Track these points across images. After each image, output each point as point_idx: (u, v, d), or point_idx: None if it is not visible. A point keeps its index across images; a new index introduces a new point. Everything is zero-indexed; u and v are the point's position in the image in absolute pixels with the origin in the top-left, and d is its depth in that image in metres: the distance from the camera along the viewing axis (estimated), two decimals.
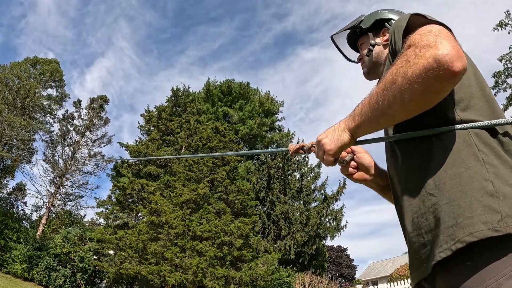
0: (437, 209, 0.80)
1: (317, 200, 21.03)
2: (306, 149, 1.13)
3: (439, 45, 0.74)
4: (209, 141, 15.62)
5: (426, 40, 0.77)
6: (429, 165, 0.85)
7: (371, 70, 1.26)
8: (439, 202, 0.79)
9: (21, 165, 21.95)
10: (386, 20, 1.24)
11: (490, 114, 0.87)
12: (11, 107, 20.42)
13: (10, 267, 15.30)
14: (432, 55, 0.73)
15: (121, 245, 12.53)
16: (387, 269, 32.15)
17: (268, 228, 19.18)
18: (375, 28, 1.26)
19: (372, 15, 1.28)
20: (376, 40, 1.24)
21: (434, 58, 0.72)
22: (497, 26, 12.16)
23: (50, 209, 20.90)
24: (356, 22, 1.31)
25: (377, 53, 1.22)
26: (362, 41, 1.30)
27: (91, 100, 23.30)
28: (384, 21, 1.24)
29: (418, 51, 0.76)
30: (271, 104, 26.09)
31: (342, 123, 0.96)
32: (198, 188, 13.38)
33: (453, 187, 0.78)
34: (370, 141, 1.02)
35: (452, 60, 0.71)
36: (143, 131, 20.90)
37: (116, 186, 15.72)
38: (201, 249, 11.84)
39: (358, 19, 1.33)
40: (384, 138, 1.04)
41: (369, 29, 1.27)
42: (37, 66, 23.69)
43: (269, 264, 13.53)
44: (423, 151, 0.88)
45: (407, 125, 0.90)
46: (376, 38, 1.25)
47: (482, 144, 0.81)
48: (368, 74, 1.29)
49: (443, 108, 0.86)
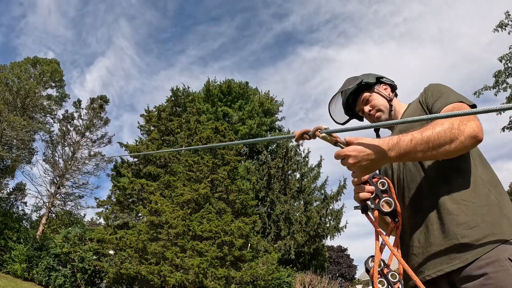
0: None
1: (317, 200, 21.03)
2: (311, 134, 1.13)
3: (477, 123, 1.10)
4: (209, 141, 15.62)
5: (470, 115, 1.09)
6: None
7: (389, 116, 1.49)
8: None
9: (21, 165, 21.95)
10: (381, 77, 1.54)
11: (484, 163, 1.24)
12: (11, 107, 20.41)
13: (10, 267, 15.30)
14: (474, 126, 1.08)
15: (121, 245, 12.53)
16: None
17: (268, 228, 19.18)
18: (376, 84, 1.53)
19: (369, 74, 1.54)
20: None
21: (477, 129, 1.08)
22: (497, 27, 12.14)
23: (50, 209, 20.90)
24: (355, 82, 1.50)
25: (395, 105, 1.50)
26: (367, 95, 1.52)
27: (91, 100, 23.32)
28: (380, 78, 1.53)
29: (468, 120, 1.09)
30: (271, 104, 26.08)
31: (385, 149, 1.10)
32: (200, 188, 13.38)
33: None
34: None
35: (480, 134, 1.09)
36: (143, 131, 20.90)
37: (116, 186, 15.72)
38: (201, 249, 11.84)
39: (351, 81, 1.52)
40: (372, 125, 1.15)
41: (374, 83, 1.52)
42: (37, 66, 23.68)
43: (269, 264, 13.53)
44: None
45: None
46: (379, 90, 1.52)
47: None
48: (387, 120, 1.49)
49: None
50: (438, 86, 1.33)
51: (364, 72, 1.62)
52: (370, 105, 1.50)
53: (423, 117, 0.97)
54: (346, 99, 1.56)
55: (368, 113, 1.51)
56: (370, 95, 1.50)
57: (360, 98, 1.53)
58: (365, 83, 1.50)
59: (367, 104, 1.51)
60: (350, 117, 1.63)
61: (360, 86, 1.51)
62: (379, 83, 1.53)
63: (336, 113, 1.63)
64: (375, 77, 1.52)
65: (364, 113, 1.54)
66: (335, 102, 1.62)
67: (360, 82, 1.49)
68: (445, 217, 1.13)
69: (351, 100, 1.56)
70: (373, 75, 1.53)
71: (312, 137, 1.14)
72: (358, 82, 1.49)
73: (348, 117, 1.63)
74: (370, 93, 1.51)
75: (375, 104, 1.48)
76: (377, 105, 1.48)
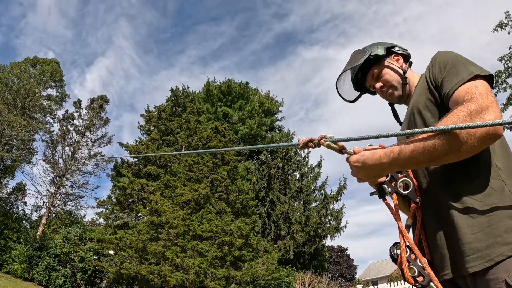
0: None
1: (317, 200, 21.03)
2: (316, 143, 1.12)
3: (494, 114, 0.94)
4: (209, 141, 15.62)
5: (485, 102, 0.96)
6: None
7: (404, 93, 1.34)
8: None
9: (21, 165, 21.95)
10: (392, 47, 1.38)
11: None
12: (11, 107, 20.41)
13: (10, 267, 15.29)
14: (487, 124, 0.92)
15: (121, 245, 12.53)
16: (387, 269, 32.19)
17: (268, 228, 19.18)
18: (387, 55, 1.37)
19: (378, 44, 1.38)
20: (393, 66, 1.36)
21: (490, 130, 0.92)
22: (497, 26, 12.15)
23: (50, 209, 20.89)
24: (363, 56, 1.36)
25: (409, 77, 1.34)
26: (378, 70, 1.37)
27: (91, 100, 23.31)
28: (391, 48, 1.38)
29: (480, 115, 0.94)
30: (271, 104, 26.09)
31: (387, 162, 1.05)
32: (200, 188, 13.38)
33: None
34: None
35: (501, 128, 0.93)
36: (143, 131, 20.91)
37: (116, 186, 15.72)
38: (201, 249, 11.85)
39: (359, 55, 1.39)
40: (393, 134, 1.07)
41: (384, 56, 1.36)
42: (37, 66, 23.68)
43: (269, 264, 13.53)
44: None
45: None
46: (391, 63, 1.36)
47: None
48: (402, 96, 1.35)
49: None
50: (446, 56, 1.16)
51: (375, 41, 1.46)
52: (381, 81, 1.36)
53: (427, 129, 0.94)
54: (355, 75, 1.43)
55: (380, 90, 1.38)
56: (380, 69, 1.36)
57: (369, 73, 1.39)
58: (373, 56, 1.35)
59: (378, 79, 1.37)
60: (361, 93, 1.50)
61: (367, 61, 1.36)
62: (390, 54, 1.37)
63: (345, 91, 1.50)
64: (384, 48, 1.36)
65: (375, 89, 1.40)
66: (343, 79, 1.48)
67: (368, 57, 1.35)
68: (450, 215, 1.04)
69: (360, 75, 1.42)
70: (382, 45, 1.37)
71: (316, 146, 1.13)
72: (365, 56, 1.34)
73: (359, 93, 1.50)
74: (380, 67, 1.36)
75: (387, 79, 1.34)
76: (389, 80, 1.34)
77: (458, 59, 1.12)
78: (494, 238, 0.95)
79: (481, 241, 0.96)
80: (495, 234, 0.95)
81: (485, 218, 0.97)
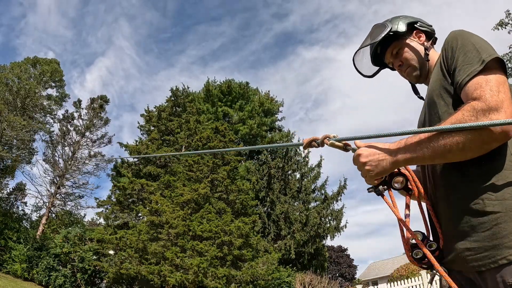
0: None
1: (317, 200, 21.03)
2: (320, 142, 1.13)
3: (505, 114, 0.89)
4: (209, 141, 15.62)
5: (494, 101, 0.90)
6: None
7: (423, 73, 1.28)
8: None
9: (21, 165, 21.95)
10: (415, 22, 1.30)
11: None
12: (11, 107, 20.41)
13: (10, 267, 15.29)
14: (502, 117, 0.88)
15: (121, 245, 12.53)
16: (387, 269, 32.16)
17: (268, 228, 19.18)
18: (408, 32, 1.30)
19: (400, 19, 1.31)
20: (413, 43, 1.29)
21: (501, 128, 0.88)
22: (497, 25, 12.14)
23: (50, 209, 20.89)
24: (383, 31, 1.29)
25: (431, 56, 1.27)
26: (398, 46, 1.31)
27: (91, 100, 23.31)
28: (413, 24, 1.30)
29: (487, 114, 0.89)
30: (271, 104, 26.10)
31: (389, 157, 1.03)
32: (199, 188, 13.38)
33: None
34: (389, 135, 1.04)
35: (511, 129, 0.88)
36: (143, 131, 20.92)
37: (116, 186, 15.72)
38: (201, 249, 11.85)
39: (379, 29, 1.32)
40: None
41: (406, 33, 1.29)
42: (37, 66, 23.68)
43: (269, 264, 13.53)
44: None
45: None
46: (412, 40, 1.30)
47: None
48: (420, 77, 1.29)
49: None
50: (458, 38, 1.09)
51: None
52: (400, 59, 1.30)
53: (427, 129, 0.93)
54: (374, 50, 1.38)
55: (398, 68, 1.33)
56: (400, 46, 1.30)
57: (389, 49, 1.33)
58: (393, 33, 1.29)
59: (397, 57, 1.32)
60: (380, 68, 1.45)
61: (388, 37, 1.30)
62: (412, 30, 1.30)
63: (363, 66, 1.45)
64: (406, 23, 1.29)
65: (394, 67, 1.36)
66: (362, 54, 1.43)
67: (387, 33, 1.28)
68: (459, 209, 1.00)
69: (380, 51, 1.37)
70: (404, 20, 1.30)
71: (320, 145, 1.13)
72: (385, 33, 1.28)
73: (378, 68, 1.45)
74: (400, 44, 1.30)
75: (406, 58, 1.28)
76: (409, 59, 1.28)
77: (470, 43, 1.05)
78: (500, 239, 0.90)
79: (489, 240, 0.92)
80: (502, 235, 0.90)
81: (494, 216, 0.92)
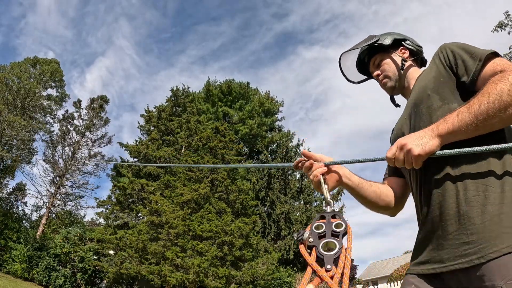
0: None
1: (317, 200, 21.03)
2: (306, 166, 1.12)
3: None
4: (209, 141, 15.62)
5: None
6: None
7: (397, 84, 1.34)
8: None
9: (21, 165, 21.94)
10: (403, 40, 1.37)
11: None
12: (11, 107, 20.40)
13: (10, 267, 15.29)
14: None
15: (121, 245, 12.53)
16: (387, 269, 32.14)
17: (268, 228, 19.17)
18: (393, 46, 1.36)
19: (389, 34, 1.38)
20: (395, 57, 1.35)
21: None
22: (497, 27, 12.12)
23: (50, 209, 20.89)
24: (369, 41, 1.36)
25: (410, 71, 1.32)
26: (380, 58, 1.37)
27: (91, 100, 23.33)
28: (401, 41, 1.37)
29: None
30: (271, 104, 26.10)
31: (429, 131, 0.99)
32: (200, 188, 13.38)
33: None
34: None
35: None
36: (143, 131, 20.90)
37: (116, 186, 15.72)
38: (201, 249, 11.84)
39: (369, 39, 1.39)
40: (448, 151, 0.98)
41: (390, 46, 1.36)
42: (37, 66, 23.69)
43: (269, 264, 13.53)
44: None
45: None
46: (396, 55, 1.36)
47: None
48: (394, 88, 1.35)
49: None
50: (454, 43, 1.14)
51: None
52: (380, 70, 1.37)
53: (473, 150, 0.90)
54: (362, 58, 1.45)
55: (376, 77, 1.40)
56: (382, 58, 1.37)
57: (372, 59, 1.41)
58: (378, 44, 1.36)
59: (378, 68, 1.38)
60: (367, 78, 1.50)
61: (372, 48, 1.38)
62: (398, 46, 1.36)
63: (349, 71, 1.51)
64: (393, 39, 1.35)
65: (373, 76, 1.42)
66: (351, 59, 1.48)
67: (373, 43, 1.36)
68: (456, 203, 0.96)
69: (367, 60, 1.44)
70: (392, 36, 1.37)
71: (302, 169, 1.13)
72: (371, 42, 1.35)
73: (365, 77, 1.51)
74: (383, 56, 1.37)
75: (384, 69, 1.35)
76: (386, 70, 1.35)
77: (465, 44, 1.11)
78: (504, 228, 0.87)
79: (490, 230, 0.89)
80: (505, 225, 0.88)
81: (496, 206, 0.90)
